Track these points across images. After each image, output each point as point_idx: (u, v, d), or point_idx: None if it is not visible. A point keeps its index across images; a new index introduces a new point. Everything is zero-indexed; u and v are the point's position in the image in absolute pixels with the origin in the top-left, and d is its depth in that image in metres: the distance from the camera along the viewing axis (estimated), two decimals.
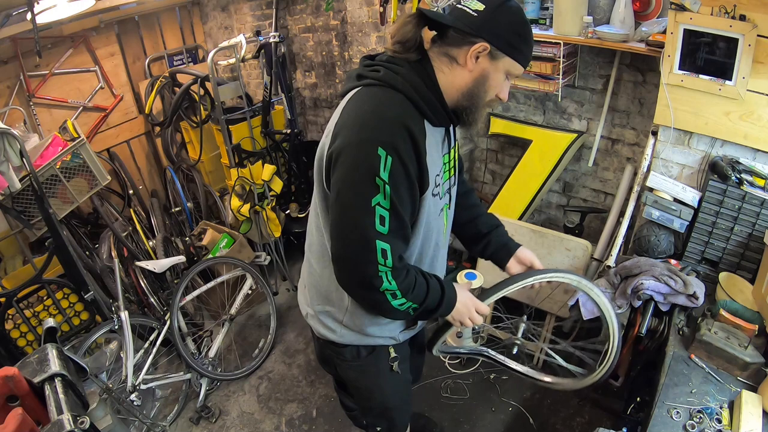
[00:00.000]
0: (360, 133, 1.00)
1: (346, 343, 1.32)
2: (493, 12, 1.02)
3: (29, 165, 2.10)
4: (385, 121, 0.99)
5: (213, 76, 2.88)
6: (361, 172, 0.99)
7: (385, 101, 1.03)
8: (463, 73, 1.06)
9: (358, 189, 1.00)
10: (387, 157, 0.97)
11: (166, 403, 2.56)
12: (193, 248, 3.13)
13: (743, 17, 1.57)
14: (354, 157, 1.00)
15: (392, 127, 0.99)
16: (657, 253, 1.96)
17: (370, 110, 1.02)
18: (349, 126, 1.02)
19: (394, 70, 1.05)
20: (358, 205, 1.00)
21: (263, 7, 3.51)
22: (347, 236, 1.04)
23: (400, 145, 0.98)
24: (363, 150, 0.98)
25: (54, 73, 3.27)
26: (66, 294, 2.43)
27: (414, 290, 1.10)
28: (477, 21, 1.01)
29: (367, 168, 0.98)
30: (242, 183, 2.91)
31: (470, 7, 1.02)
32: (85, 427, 0.78)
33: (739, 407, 1.31)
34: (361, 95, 1.06)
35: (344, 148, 1.00)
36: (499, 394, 2.37)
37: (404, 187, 1.01)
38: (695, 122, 1.84)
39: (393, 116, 1.00)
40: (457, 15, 1.04)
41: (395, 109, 1.02)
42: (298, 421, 2.40)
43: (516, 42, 1.04)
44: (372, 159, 0.97)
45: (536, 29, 2.20)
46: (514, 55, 1.05)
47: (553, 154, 2.50)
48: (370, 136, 0.98)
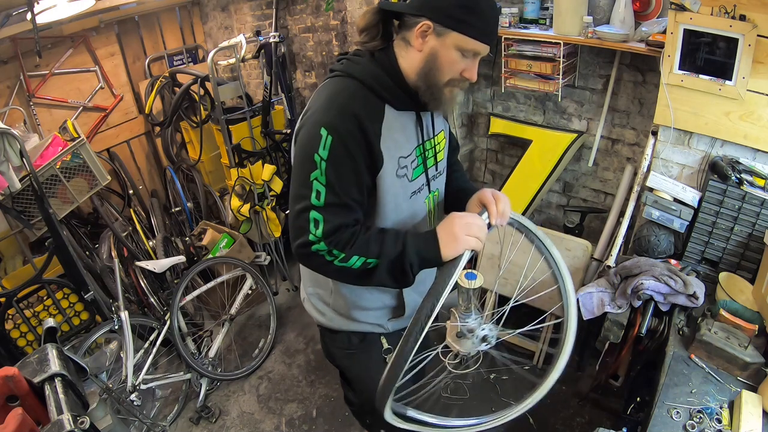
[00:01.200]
0: (312, 116, 1.09)
1: (336, 328, 1.36)
2: None
3: (29, 165, 2.10)
4: (334, 106, 1.07)
5: (213, 76, 2.88)
6: (304, 150, 1.08)
7: (339, 89, 1.10)
8: (415, 54, 1.09)
9: (299, 164, 1.10)
10: (327, 137, 1.04)
11: (166, 403, 2.56)
12: (193, 248, 3.13)
13: (743, 17, 1.57)
14: (302, 137, 1.10)
15: (338, 111, 1.06)
16: (657, 253, 1.96)
17: (325, 97, 1.11)
18: (307, 111, 1.13)
19: (354, 60, 1.13)
20: (300, 179, 1.09)
21: (263, 7, 3.50)
22: (291, 206, 1.12)
23: (341, 126, 1.05)
24: (309, 130, 1.07)
25: (54, 73, 3.27)
26: (66, 294, 2.43)
27: (355, 245, 1.07)
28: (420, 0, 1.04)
29: (309, 146, 1.06)
30: (242, 183, 2.91)
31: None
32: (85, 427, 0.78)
33: (739, 407, 1.31)
34: (325, 85, 1.16)
35: (299, 129, 1.13)
36: (499, 394, 2.37)
37: (346, 167, 1.07)
38: (695, 122, 1.84)
39: (342, 101, 1.08)
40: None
41: (345, 95, 1.09)
42: (298, 421, 2.40)
43: (460, 14, 1.02)
44: (314, 138, 1.05)
45: (536, 29, 2.21)
46: (460, 28, 1.03)
47: (553, 154, 2.50)
48: (318, 118, 1.07)
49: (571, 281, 1.23)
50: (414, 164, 1.21)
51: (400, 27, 1.11)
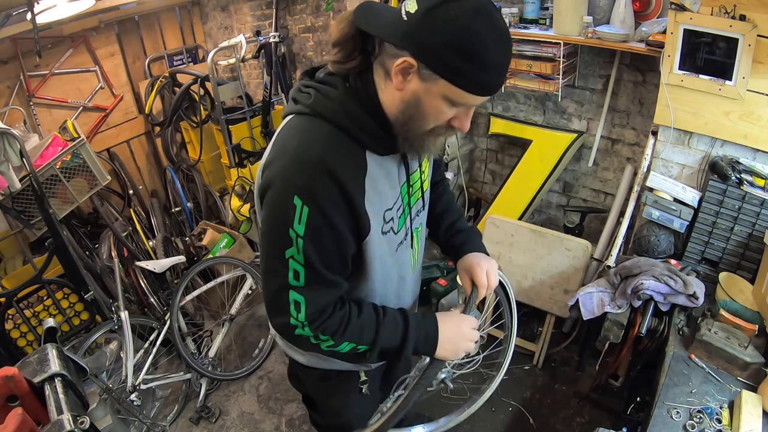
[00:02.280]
0: (278, 174, 0.87)
1: (314, 366, 1.23)
2: (426, 15, 0.76)
3: (29, 165, 2.10)
4: (305, 164, 0.85)
5: (213, 76, 2.88)
6: (275, 221, 0.88)
7: (308, 138, 0.87)
8: (394, 92, 0.85)
9: (271, 238, 0.90)
10: (303, 207, 0.84)
11: (166, 403, 2.56)
12: (193, 248, 3.13)
13: (743, 17, 1.57)
14: (271, 203, 0.89)
15: (311, 171, 0.84)
16: (657, 253, 1.96)
17: (292, 149, 0.87)
18: (272, 164, 0.90)
19: (325, 93, 0.89)
20: (272, 255, 0.91)
21: (263, 7, 3.50)
22: (264, 282, 0.95)
23: (319, 192, 0.84)
24: (279, 197, 0.86)
25: (54, 73, 3.27)
26: (66, 294, 2.43)
27: (346, 332, 0.96)
28: (403, 27, 0.78)
29: (281, 218, 0.86)
30: (242, 183, 2.91)
31: (407, 6, 0.79)
32: (85, 427, 0.78)
33: (739, 407, 1.31)
34: (290, 127, 0.92)
35: (266, 189, 0.89)
36: (499, 394, 2.37)
37: (327, 239, 0.89)
38: (695, 122, 1.84)
39: (314, 157, 0.85)
40: (392, 17, 0.81)
41: (317, 147, 0.86)
42: (298, 421, 2.40)
43: (454, 60, 0.76)
44: (286, 208, 0.85)
45: (536, 29, 2.20)
46: (452, 78, 0.78)
47: (553, 154, 2.50)
48: (288, 180, 0.86)
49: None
50: (399, 211, 1.02)
51: (381, 49, 0.86)
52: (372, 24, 0.83)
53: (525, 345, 2.55)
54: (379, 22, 0.83)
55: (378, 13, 0.85)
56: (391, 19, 0.81)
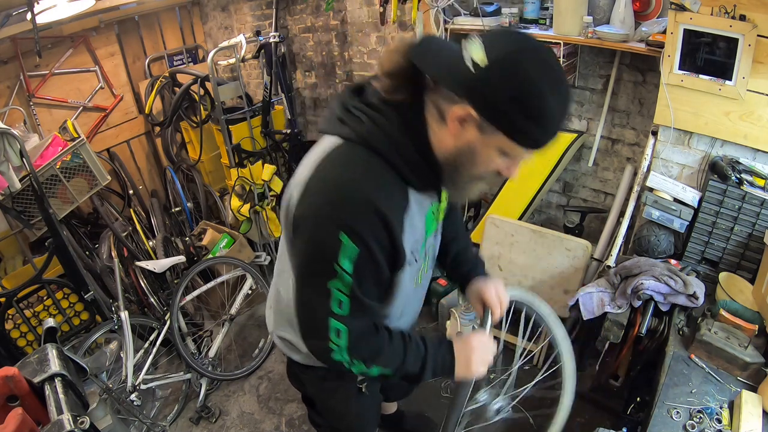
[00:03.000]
0: (324, 206, 0.86)
1: (312, 365, 1.23)
2: (493, 71, 0.74)
3: (29, 165, 2.10)
4: (354, 200, 0.84)
5: (213, 76, 2.88)
6: (318, 253, 0.88)
7: (358, 170, 0.86)
8: (448, 136, 0.84)
9: (313, 269, 0.90)
10: (350, 245, 0.84)
11: (166, 403, 2.56)
12: (193, 248, 3.13)
13: (743, 17, 1.57)
14: (313, 235, 0.88)
15: (361, 209, 0.84)
16: (657, 253, 1.96)
17: (340, 181, 0.86)
18: (315, 191, 0.88)
19: (378, 122, 0.86)
20: (313, 284, 0.91)
21: (263, 7, 3.50)
22: (303, 306, 0.97)
23: (367, 231, 0.85)
24: (323, 229, 0.85)
25: (54, 73, 3.27)
26: (66, 294, 2.43)
27: (382, 358, 0.99)
28: (468, 78, 0.76)
29: (325, 251, 0.86)
30: (242, 183, 2.91)
31: (472, 53, 0.76)
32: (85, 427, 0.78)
33: (739, 407, 1.31)
34: (337, 153, 0.89)
35: (307, 218, 0.89)
36: None
37: (371, 275, 0.90)
38: (695, 122, 1.84)
39: (364, 195, 0.84)
40: (452, 60, 0.78)
41: (367, 185, 0.85)
42: (298, 421, 2.40)
43: (518, 120, 0.77)
44: (332, 243, 0.84)
45: (536, 29, 2.20)
46: (513, 135, 0.79)
47: (553, 154, 2.50)
48: (333, 214, 0.84)
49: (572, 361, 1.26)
50: (422, 240, 1.02)
51: (436, 88, 0.83)
52: (430, 64, 0.81)
53: (525, 345, 2.55)
54: (439, 62, 0.81)
55: (437, 52, 0.83)
56: (451, 62, 0.79)
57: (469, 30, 2.32)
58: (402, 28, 2.80)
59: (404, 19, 2.70)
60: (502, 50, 0.75)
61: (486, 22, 2.22)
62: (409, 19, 2.61)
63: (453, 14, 2.38)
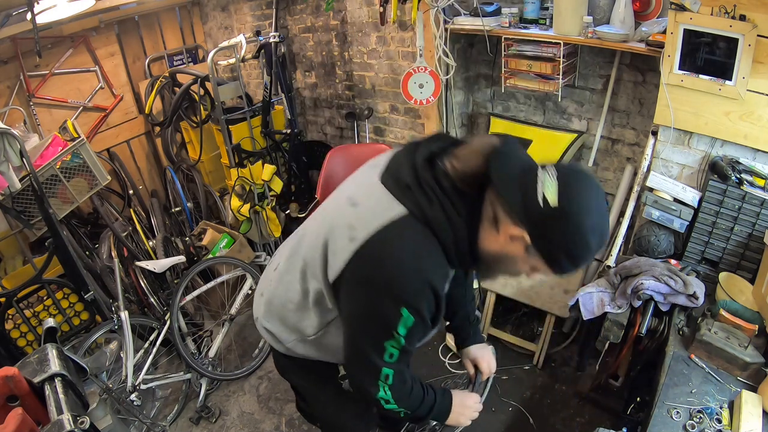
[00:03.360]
0: (388, 283, 0.95)
1: (293, 356, 1.28)
2: (559, 215, 0.84)
3: (29, 165, 2.10)
4: (416, 282, 0.95)
5: (213, 76, 2.88)
6: (379, 321, 0.99)
7: (421, 252, 0.95)
8: (495, 242, 0.94)
9: (372, 331, 1.02)
10: (409, 317, 0.96)
11: (166, 403, 2.56)
12: (193, 248, 3.13)
13: (743, 17, 1.57)
14: (375, 305, 0.98)
15: (420, 289, 0.96)
16: (657, 253, 1.96)
17: (404, 261, 0.94)
18: (377, 264, 0.95)
19: (447, 211, 0.93)
20: (370, 341, 1.03)
21: (263, 7, 3.50)
22: (354, 358, 1.09)
23: (423, 306, 0.97)
24: (386, 304, 0.96)
25: (54, 73, 3.27)
26: (66, 294, 2.43)
27: (408, 400, 1.13)
28: (535, 212, 0.84)
29: (386, 321, 0.98)
30: (242, 183, 2.91)
31: (546, 191, 0.84)
32: (85, 427, 0.78)
33: (739, 407, 1.31)
34: (401, 227, 0.94)
35: (367, 286, 0.98)
36: (499, 394, 2.37)
37: (419, 333, 1.02)
38: (695, 122, 1.84)
39: (425, 277, 0.95)
40: (526, 187, 0.86)
41: (428, 265, 0.96)
42: (298, 421, 2.40)
43: (561, 258, 0.89)
44: (393, 315, 0.96)
45: (536, 29, 2.20)
46: (551, 264, 0.91)
47: (553, 154, 2.50)
48: (396, 293, 0.95)
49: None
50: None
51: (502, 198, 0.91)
52: (507, 183, 0.88)
53: (525, 345, 2.55)
54: (514, 184, 0.88)
55: (514, 166, 0.90)
56: (525, 189, 0.86)
57: (469, 30, 2.32)
58: (402, 28, 2.80)
59: (404, 19, 2.70)
60: (572, 200, 0.84)
61: (486, 22, 2.22)
62: (409, 19, 2.61)
63: (453, 14, 2.38)
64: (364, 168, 1.14)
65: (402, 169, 0.98)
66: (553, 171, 0.85)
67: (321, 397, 1.41)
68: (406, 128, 3.15)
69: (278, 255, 1.31)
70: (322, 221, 1.10)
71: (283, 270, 1.21)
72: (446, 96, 2.66)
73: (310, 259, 1.09)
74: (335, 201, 1.14)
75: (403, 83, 2.58)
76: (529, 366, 2.51)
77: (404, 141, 3.19)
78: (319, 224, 1.11)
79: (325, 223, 1.07)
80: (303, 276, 1.13)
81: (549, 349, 2.48)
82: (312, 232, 1.13)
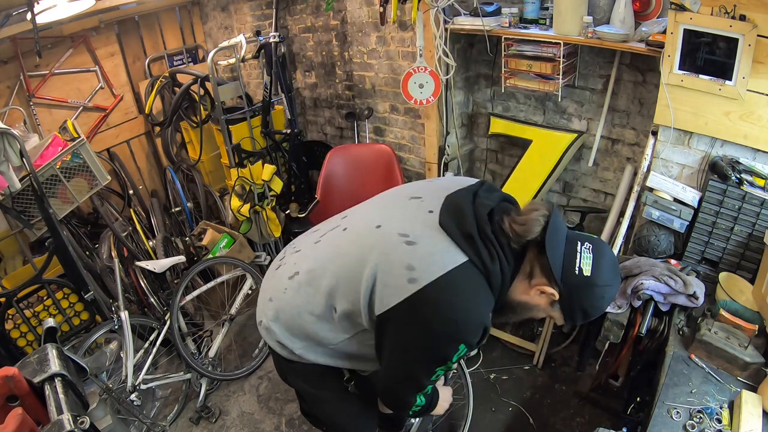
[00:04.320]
0: (450, 324, 1.04)
1: (296, 360, 1.28)
2: (589, 287, 1.04)
3: (29, 165, 2.10)
4: (475, 324, 1.06)
5: (213, 76, 2.88)
6: (437, 353, 1.08)
7: (481, 300, 1.06)
8: (525, 291, 1.11)
9: (425, 362, 1.11)
10: (464, 349, 1.07)
11: (166, 403, 2.56)
12: (193, 248, 3.13)
13: (743, 17, 1.57)
14: (437, 340, 1.06)
15: (478, 329, 1.07)
16: (657, 253, 1.96)
17: (467, 306, 1.04)
18: (442, 306, 1.03)
19: (503, 266, 1.06)
20: (420, 369, 1.13)
21: (263, 7, 3.50)
22: (400, 377, 1.17)
23: (477, 341, 1.09)
24: (448, 341, 1.06)
25: (54, 73, 3.27)
26: (66, 294, 2.43)
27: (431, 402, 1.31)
28: (571, 278, 1.03)
29: (445, 354, 1.08)
30: (242, 183, 2.91)
31: (582, 264, 1.03)
32: (85, 427, 0.78)
33: (739, 407, 1.31)
34: (463, 274, 1.04)
35: (424, 325, 1.05)
36: (499, 394, 2.37)
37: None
38: (695, 122, 1.84)
39: (483, 320, 1.07)
40: (568, 254, 1.05)
41: (486, 309, 1.08)
42: (298, 421, 2.40)
43: (578, 315, 1.10)
44: (452, 350, 1.06)
45: (536, 29, 2.21)
46: (567, 317, 1.11)
47: (553, 154, 2.50)
48: (458, 333, 1.05)
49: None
50: None
51: (539, 254, 1.07)
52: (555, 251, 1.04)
53: (525, 345, 2.55)
54: (559, 252, 1.05)
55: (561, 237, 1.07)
56: (568, 258, 1.04)
57: (469, 30, 2.32)
58: (402, 28, 2.80)
59: (404, 19, 2.70)
60: (600, 274, 1.04)
61: (486, 22, 2.22)
62: (409, 19, 2.61)
63: (453, 14, 2.38)
64: (403, 199, 1.22)
65: (465, 219, 1.06)
66: (589, 246, 1.06)
67: (326, 399, 1.40)
68: (406, 128, 3.15)
69: (291, 262, 1.29)
70: (361, 246, 1.13)
71: (303, 281, 1.21)
72: (446, 96, 2.66)
73: (346, 282, 1.13)
74: (374, 228, 1.15)
75: (403, 83, 2.58)
76: (529, 366, 2.51)
77: (404, 141, 3.19)
78: (358, 248, 1.14)
79: (370, 252, 1.10)
80: (330, 293, 1.16)
81: (549, 349, 2.48)
82: (347, 254, 1.15)
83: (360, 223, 1.22)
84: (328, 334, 1.20)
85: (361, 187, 3.04)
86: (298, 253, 1.30)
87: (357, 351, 1.24)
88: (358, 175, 3.12)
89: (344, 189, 3.11)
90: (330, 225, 1.30)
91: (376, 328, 1.12)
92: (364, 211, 1.28)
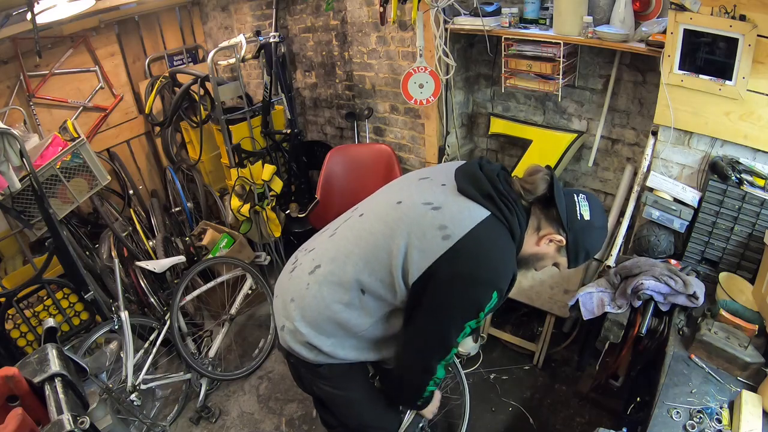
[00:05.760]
0: (485, 272, 1.14)
1: (321, 362, 1.29)
2: (589, 228, 1.20)
3: (29, 165, 2.10)
4: (506, 270, 1.16)
5: (213, 76, 2.88)
6: (472, 304, 1.15)
7: (507, 247, 1.17)
8: (533, 243, 1.24)
9: (459, 314, 1.16)
10: (496, 298, 1.14)
11: (166, 403, 2.56)
12: (193, 248, 3.13)
13: (743, 17, 1.57)
14: (468, 290, 1.14)
15: (509, 275, 1.17)
16: (657, 253, 1.96)
17: (499, 253, 1.16)
18: (475, 257, 1.13)
19: (520, 218, 1.18)
20: (454, 325, 1.17)
21: (263, 7, 3.50)
22: (431, 340, 1.21)
23: (506, 286, 1.17)
24: (482, 289, 1.14)
25: (54, 73, 3.27)
26: (66, 294, 2.43)
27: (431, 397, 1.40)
28: (577, 224, 1.18)
29: (479, 303, 1.14)
30: (242, 183, 2.91)
31: (582, 208, 1.19)
32: (85, 427, 0.78)
33: (739, 407, 1.31)
34: (490, 227, 1.15)
35: (461, 277, 1.13)
36: (499, 394, 2.37)
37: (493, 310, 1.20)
38: (695, 122, 1.84)
39: (511, 265, 1.18)
40: (569, 204, 1.19)
41: (512, 255, 1.19)
42: (298, 421, 2.40)
43: (581, 255, 1.23)
44: (484, 298, 1.14)
45: (536, 29, 2.21)
46: (572, 259, 1.24)
47: (553, 154, 2.50)
48: (492, 280, 1.14)
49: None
50: None
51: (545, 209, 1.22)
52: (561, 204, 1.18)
53: (525, 345, 2.55)
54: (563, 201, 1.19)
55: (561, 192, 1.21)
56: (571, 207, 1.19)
57: (469, 30, 2.33)
58: (402, 28, 2.80)
59: (404, 19, 2.70)
60: (597, 219, 1.21)
61: (486, 22, 2.22)
62: (409, 19, 2.61)
63: (453, 14, 2.38)
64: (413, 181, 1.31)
65: (480, 182, 1.19)
66: (584, 196, 1.22)
67: (355, 399, 1.41)
68: (406, 128, 3.15)
69: (309, 260, 1.31)
70: (386, 223, 1.21)
71: (327, 271, 1.25)
72: (446, 96, 2.66)
73: (375, 260, 1.19)
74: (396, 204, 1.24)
75: (403, 83, 2.58)
76: (529, 366, 2.51)
77: (404, 141, 3.19)
78: (383, 225, 1.21)
79: (398, 224, 1.18)
80: (358, 276, 1.21)
81: (549, 349, 2.48)
82: (373, 233, 1.22)
83: (378, 206, 1.30)
84: (357, 320, 1.23)
85: (361, 187, 3.04)
86: (313, 251, 1.33)
87: (384, 334, 1.28)
88: (358, 175, 3.12)
89: (344, 189, 3.11)
90: (342, 219, 1.36)
91: (411, 296, 1.18)
92: (377, 197, 1.36)
